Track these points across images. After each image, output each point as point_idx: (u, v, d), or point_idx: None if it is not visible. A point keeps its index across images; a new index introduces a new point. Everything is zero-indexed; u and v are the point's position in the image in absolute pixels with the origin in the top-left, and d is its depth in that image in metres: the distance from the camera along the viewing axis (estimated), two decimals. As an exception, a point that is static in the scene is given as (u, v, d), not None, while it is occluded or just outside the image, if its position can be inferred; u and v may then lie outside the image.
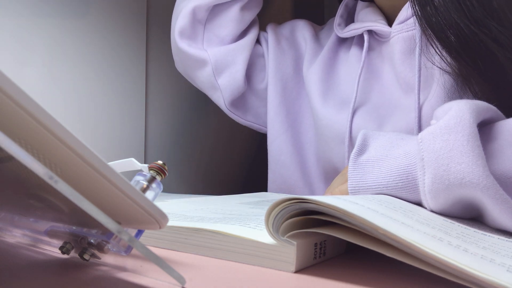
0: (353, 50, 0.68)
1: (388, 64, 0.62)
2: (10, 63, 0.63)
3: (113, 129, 0.76)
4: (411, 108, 0.55)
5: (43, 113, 0.17)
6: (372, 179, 0.35)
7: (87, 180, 0.20)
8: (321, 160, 0.67)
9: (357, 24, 0.65)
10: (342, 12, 0.70)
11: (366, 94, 0.62)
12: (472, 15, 0.41)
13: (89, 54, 0.73)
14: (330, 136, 0.63)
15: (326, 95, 0.67)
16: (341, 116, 0.62)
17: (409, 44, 0.57)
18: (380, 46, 0.64)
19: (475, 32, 0.41)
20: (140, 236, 0.26)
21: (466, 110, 0.30)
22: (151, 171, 0.31)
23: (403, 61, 0.58)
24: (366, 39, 0.63)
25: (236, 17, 0.70)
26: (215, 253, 0.30)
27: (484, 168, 0.28)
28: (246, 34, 0.74)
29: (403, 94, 0.58)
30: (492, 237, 0.28)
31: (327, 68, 0.70)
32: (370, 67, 0.63)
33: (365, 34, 0.63)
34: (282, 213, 0.26)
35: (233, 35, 0.71)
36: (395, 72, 0.60)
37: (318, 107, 0.67)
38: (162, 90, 0.85)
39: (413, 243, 0.22)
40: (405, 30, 0.58)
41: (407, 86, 0.57)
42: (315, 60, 0.72)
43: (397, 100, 0.58)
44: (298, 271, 0.27)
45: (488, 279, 0.20)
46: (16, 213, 0.31)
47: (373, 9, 0.66)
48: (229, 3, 0.69)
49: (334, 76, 0.69)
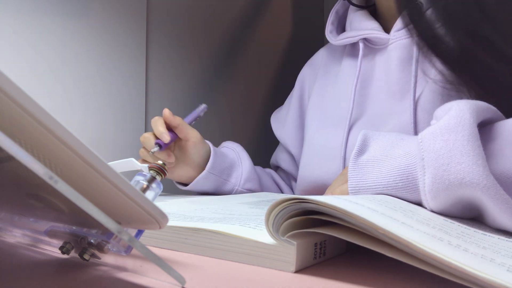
0: (345, 61, 0.68)
1: (380, 71, 0.61)
2: (10, 63, 0.63)
3: (113, 129, 0.76)
4: (404, 113, 0.55)
5: (43, 113, 0.17)
6: (372, 179, 0.35)
7: (87, 180, 0.20)
8: (305, 180, 0.68)
9: (351, 32, 0.65)
10: (333, 19, 0.70)
11: (360, 106, 0.62)
12: (465, 27, 0.40)
13: (89, 54, 0.73)
14: (324, 152, 0.63)
15: (322, 119, 0.68)
16: (337, 132, 0.63)
17: (408, 51, 0.57)
18: (374, 53, 0.63)
19: (468, 44, 0.40)
20: (140, 236, 0.26)
21: (466, 110, 0.30)
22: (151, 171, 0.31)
23: (401, 67, 0.58)
24: (362, 47, 0.63)
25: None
26: (215, 253, 0.30)
27: (484, 168, 0.28)
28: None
29: (395, 100, 0.58)
30: (492, 237, 0.28)
31: (321, 91, 0.72)
32: (362, 76, 0.63)
33: (361, 42, 0.63)
34: (282, 213, 0.26)
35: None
36: (387, 79, 0.60)
37: (312, 130, 0.68)
38: (162, 90, 0.85)
39: (413, 242, 0.22)
40: (404, 37, 0.58)
41: (400, 92, 0.57)
42: (313, 91, 0.74)
43: (390, 107, 0.58)
44: (298, 271, 0.27)
45: (488, 278, 0.20)
46: (16, 213, 0.31)
47: (366, 16, 0.65)
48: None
49: (328, 98, 0.70)
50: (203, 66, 0.95)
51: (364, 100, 0.62)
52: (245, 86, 1.06)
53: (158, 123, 0.62)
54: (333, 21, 0.70)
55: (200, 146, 0.66)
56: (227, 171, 0.69)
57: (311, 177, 0.65)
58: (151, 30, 0.82)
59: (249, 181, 0.71)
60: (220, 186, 0.69)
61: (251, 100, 1.08)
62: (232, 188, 0.70)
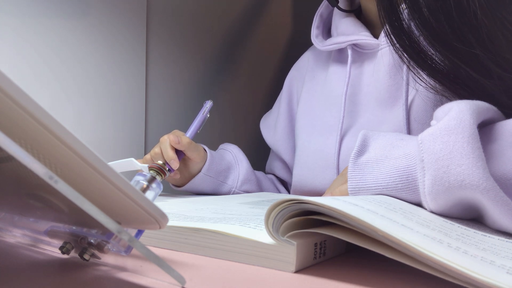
0: (332, 67, 0.67)
1: (369, 77, 0.61)
2: (10, 63, 0.63)
3: (113, 129, 0.76)
4: (396, 120, 0.55)
5: (43, 113, 0.17)
6: (372, 180, 0.35)
7: (87, 180, 0.20)
8: (298, 190, 0.68)
9: (339, 37, 0.64)
10: (318, 23, 0.69)
11: (351, 114, 0.62)
12: (449, 44, 0.38)
13: (89, 54, 0.73)
14: (317, 162, 0.63)
15: (312, 126, 0.68)
16: (328, 141, 0.62)
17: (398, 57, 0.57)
18: (362, 59, 0.63)
19: (454, 60, 0.38)
20: (140, 236, 0.26)
21: (467, 111, 0.30)
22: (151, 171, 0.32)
23: (390, 74, 0.57)
24: (350, 53, 0.62)
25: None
26: (215, 253, 0.30)
27: (484, 170, 0.28)
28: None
29: (387, 108, 0.57)
30: (492, 238, 0.28)
31: (309, 97, 0.71)
32: (351, 82, 0.62)
33: (349, 48, 0.62)
34: (282, 213, 0.26)
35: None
36: (376, 85, 0.59)
37: (303, 138, 0.68)
38: (162, 90, 0.85)
39: (412, 245, 0.22)
40: None
41: (391, 99, 0.57)
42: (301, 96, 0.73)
43: (381, 114, 0.58)
44: (298, 271, 0.27)
45: (488, 281, 0.20)
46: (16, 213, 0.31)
47: (353, 20, 0.64)
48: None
49: (316, 104, 0.69)
50: (203, 66, 0.95)
51: (354, 108, 0.62)
52: (245, 86, 1.06)
53: (167, 145, 0.61)
54: (318, 25, 0.69)
55: (201, 160, 0.66)
56: (224, 173, 0.69)
57: (305, 188, 0.65)
58: (151, 30, 0.82)
59: (246, 183, 0.70)
60: (216, 187, 0.69)
61: (251, 100, 1.08)
62: (229, 189, 0.70)
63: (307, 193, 0.65)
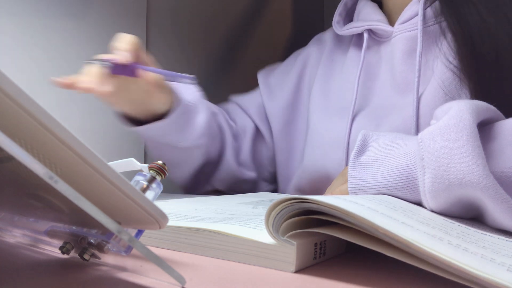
0: (350, 52, 0.69)
1: (385, 63, 0.62)
2: (10, 63, 0.63)
3: (113, 129, 0.76)
4: (408, 107, 0.55)
5: (43, 113, 0.17)
6: (372, 179, 0.35)
7: (87, 180, 0.20)
8: (309, 169, 0.67)
9: (357, 22, 0.65)
10: (341, 10, 0.71)
11: (365, 97, 0.62)
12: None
13: (89, 54, 0.73)
14: (328, 142, 0.63)
15: (326, 108, 0.68)
16: (340, 122, 0.63)
17: (411, 44, 0.58)
18: (378, 45, 0.64)
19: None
20: (140, 236, 0.26)
21: (466, 110, 0.30)
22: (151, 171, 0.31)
23: (404, 60, 0.58)
24: (366, 38, 0.63)
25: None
26: (215, 253, 0.30)
27: (484, 168, 0.28)
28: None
29: (400, 94, 0.58)
30: (492, 236, 0.28)
31: (326, 79, 0.71)
32: (367, 68, 0.64)
33: (365, 33, 0.64)
34: (282, 213, 0.26)
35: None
36: (392, 72, 0.60)
37: (316, 119, 0.67)
38: (162, 90, 0.85)
39: (413, 242, 0.22)
40: (408, 29, 0.58)
41: (404, 85, 0.58)
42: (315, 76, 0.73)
43: (394, 100, 0.58)
44: (298, 271, 0.27)
45: (488, 278, 0.20)
46: (16, 213, 0.31)
47: (374, 8, 0.66)
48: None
49: (332, 87, 0.69)
50: (203, 66, 0.95)
51: (368, 92, 0.62)
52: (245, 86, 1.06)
53: (125, 39, 0.53)
54: (341, 12, 0.70)
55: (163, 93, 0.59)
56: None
57: (315, 167, 0.65)
58: (151, 30, 0.82)
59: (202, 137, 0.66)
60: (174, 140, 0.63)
61: (251, 100, 1.08)
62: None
63: (316, 172, 0.64)
